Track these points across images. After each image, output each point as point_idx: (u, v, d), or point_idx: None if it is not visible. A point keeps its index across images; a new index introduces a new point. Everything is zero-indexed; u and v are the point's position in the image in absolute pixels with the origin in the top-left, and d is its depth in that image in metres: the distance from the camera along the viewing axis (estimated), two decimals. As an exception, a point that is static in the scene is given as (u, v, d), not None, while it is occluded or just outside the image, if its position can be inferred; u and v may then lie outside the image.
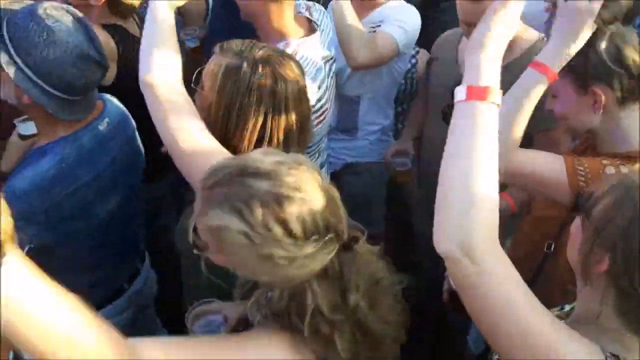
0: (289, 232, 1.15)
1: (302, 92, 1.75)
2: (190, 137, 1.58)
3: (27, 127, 2.06)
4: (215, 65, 1.70)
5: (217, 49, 1.74)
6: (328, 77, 2.37)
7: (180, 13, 3.56)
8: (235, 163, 1.23)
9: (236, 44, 1.72)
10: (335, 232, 1.21)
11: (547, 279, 2.03)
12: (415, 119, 3.02)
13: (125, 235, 2.14)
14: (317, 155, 2.46)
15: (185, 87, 1.69)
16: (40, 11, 1.72)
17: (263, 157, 1.22)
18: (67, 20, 1.75)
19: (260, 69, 1.67)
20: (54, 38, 1.70)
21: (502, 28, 1.22)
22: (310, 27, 2.37)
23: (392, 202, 3.23)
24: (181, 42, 3.40)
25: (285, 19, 2.28)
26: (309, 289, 1.19)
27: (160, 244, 2.48)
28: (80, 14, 1.82)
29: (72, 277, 1.92)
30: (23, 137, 2.09)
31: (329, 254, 1.20)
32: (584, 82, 1.77)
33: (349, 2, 2.58)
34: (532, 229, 2.18)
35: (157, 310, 2.47)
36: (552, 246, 1.99)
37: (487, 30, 1.21)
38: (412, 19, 2.83)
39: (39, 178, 1.75)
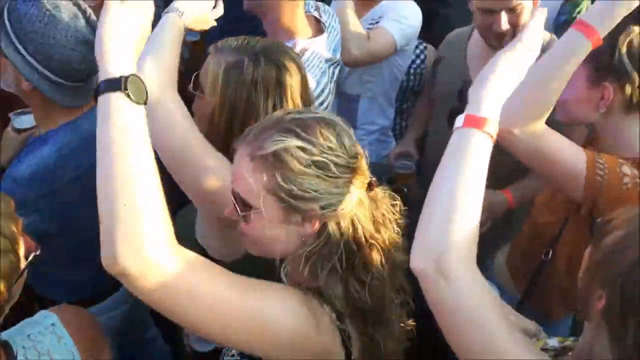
0: (341, 143, 1.27)
1: (304, 81, 1.75)
2: (180, 137, 1.55)
3: (22, 121, 2.03)
4: (214, 65, 1.67)
5: (212, 49, 1.71)
6: (331, 82, 2.34)
7: None
8: (273, 114, 1.36)
9: (231, 41, 1.70)
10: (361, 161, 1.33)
11: (545, 286, 2.01)
12: (420, 119, 2.97)
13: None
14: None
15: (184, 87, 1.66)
16: None
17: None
18: (67, 5, 1.75)
19: (262, 61, 1.65)
20: (54, 23, 1.70)
21: (510, 69, 1.28)
22: (319, 28, 2.34)
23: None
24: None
25: (296, 17, 2.25)
26: (356, 217, 1.29)
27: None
28: (79, 0, 1.80)
29: (70, 269, 1.95)
30: (18, 131, 2.07)
31: (366, 179, 1.32)
32: (600, 75, 1.71)
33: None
34: (530, 234, 2.16)
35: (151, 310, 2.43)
36: (550, 254, 1.96)
37: (495, 69, 1.27)
38: (412, 15, 2.79)
39: (40, 165, 1.74)
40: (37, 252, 1.28)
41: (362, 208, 1.31)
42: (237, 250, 1.43)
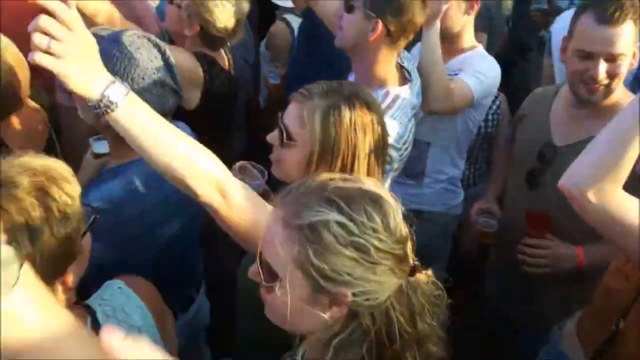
0: (387, 225, 1.17)
1: (384, 121, 1.79)
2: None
3: (101, 146, 2.09)
4: (307, 111, 1.69)
5: (297, 97, 1.73)
6: (413, 129, 2.33)
7: (267, 47, 3.68)
8: (315, 176, 1.27)
9: (316, 87, 1.73)
10: (407, 245, 1.22)
11: (614, 358, 1.91)
12: (500, 176, 2.89)
13: (184, 261, 2.14)
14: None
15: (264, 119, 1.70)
16: (124, 38, 1.78)
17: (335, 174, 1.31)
18: (148, 48, 1.81)
19: (356, 103, 1.68)
20: (134, 65, 1.76)
21: None
22: (402, 75, 2.33)
23: (461, 259, 3.14)
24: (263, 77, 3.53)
25: (391, 65, 2.24)
26: (391, 308, 1.18)
27: (216, 274, 2.48)
28: (160, 43, 1.87)
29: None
30: (96, 156, 2.14)
31: (408, 265, 1.21)
32: None
33: (439, 43, 2.49)
34: (602, 300, 2.07)
35: (209, 341, 2.45)
36: (620, 323, 1.87)
37: None
38: (491, 71, 2.78)
39: (107, 198, 1.78)
40: (97, 216, 1.39)
41: (400, 296, 1.20)
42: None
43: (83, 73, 1.28)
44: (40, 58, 1.22)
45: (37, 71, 1.40)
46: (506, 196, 2.73)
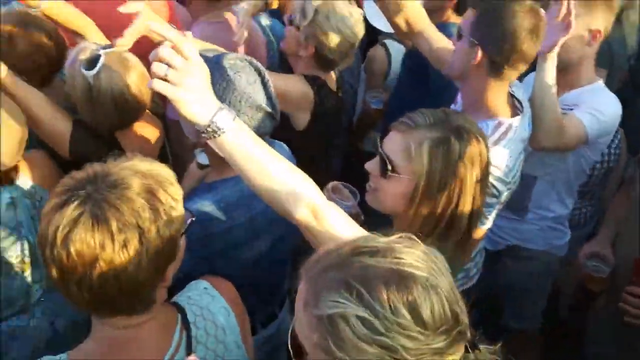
0: (418, 318, 1.01)
1: (495, 150, 1.74)
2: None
3: (205, 158, 2.17)
4: (414, 143, 1.67)
5: (399, 126, 1.72)
6: (521, 163, 2.27)
7: (365, 70, 3.73)
8: (345, 245, 1.13)
9: (421, 116, 1.70)
10: (461, 326, 1.07)
11: None
12: (614, 221, 2.72)
13: (270, 277, 2.16)
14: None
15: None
16: (225, 61, 1.83)
17: (374, 237, 1.15)
18: (248, 71, 1.85)
19: (465, 136, 1.66)
20: (231, 88, 1.79)
21: None
22: (513, 104, 2.25)
23: (558, 302, 3.00)
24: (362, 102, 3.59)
25: (501, 96, 2.18)
26: None
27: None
28: (261, 67, 1.90)
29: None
30: (201, 166, 2.23)
31: (457, 352, 1.07)
32: None
33: (555, 78, 2.33)
34: None
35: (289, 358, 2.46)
36: None
37: None
38: (610, 107, 2.56)
39: (199, 212, 1.82)
40: (194, 218, 1.43)
41: None
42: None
43: (194, 99, 1.34)
44: (157, 85, 1.30)
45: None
46: (621, 239, 2.57)
